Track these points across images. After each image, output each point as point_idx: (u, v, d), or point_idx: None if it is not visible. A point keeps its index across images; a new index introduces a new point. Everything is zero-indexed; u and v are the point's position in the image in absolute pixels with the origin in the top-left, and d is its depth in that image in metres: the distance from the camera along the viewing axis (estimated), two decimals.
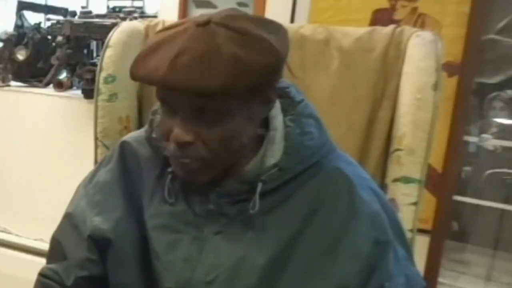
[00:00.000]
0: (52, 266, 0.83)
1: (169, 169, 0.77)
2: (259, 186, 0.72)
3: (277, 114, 0.74)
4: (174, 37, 0.66)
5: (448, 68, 1.38)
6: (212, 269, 0.73)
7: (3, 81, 2.00)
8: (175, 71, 0.62)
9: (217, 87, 0.61)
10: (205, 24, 0.65)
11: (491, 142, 1.57)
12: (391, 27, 1.03)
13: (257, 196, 0.71)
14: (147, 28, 1.15)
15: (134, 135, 0.88)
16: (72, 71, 1.94)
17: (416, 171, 0.93)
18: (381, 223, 0.72)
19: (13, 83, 2.03)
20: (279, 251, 0.71)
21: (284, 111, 0.75)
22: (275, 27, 0.69)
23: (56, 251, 0.84)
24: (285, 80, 0.78)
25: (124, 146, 0.86)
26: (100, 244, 0.81)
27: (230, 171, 0.74)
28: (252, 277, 0.70)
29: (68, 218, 0.85)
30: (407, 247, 0.78)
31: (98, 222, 0.81)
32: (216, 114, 0.66)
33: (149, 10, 2.00)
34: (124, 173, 0.84)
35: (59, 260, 0.83)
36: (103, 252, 0.81)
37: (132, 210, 0.82)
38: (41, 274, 0.83)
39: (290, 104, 0.76)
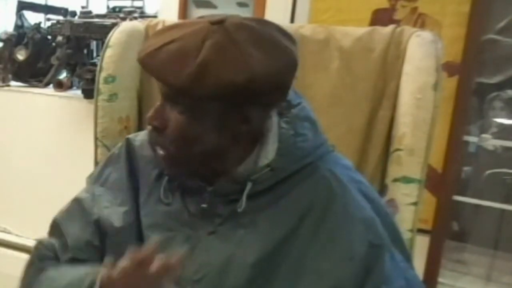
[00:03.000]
0: (52, 240, 0.83)
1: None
2: (248, 185, 0.72)
3: (272, 116, 0.75)
4: (183, 25, 0.70)
5: (448, 68, 1.38)
6: (201, 268, 0.73)
7: (3, 81, 2.00)
8: (152, 58, 0.67)
9: (178, 85, 0.65)
10: (218, 22, 0.68)
11: (491, 142, 1.57)
12: (391, 27, 1.03)
13: (244, 196, 0.72)
14: (147, 28, 1.15)
15: (139, 136, 0.89)
16: (72, 71, 1.94)
17: (416, 171, 0.93)
18: (375, 227, 0.72)
19: (13, 83, 2.03)
20: (270, 250, 0.71)
21: (280, 114, 0.75)
22: (274, 45, 0.69)
23: (56, 231, 0.84)
24: None
25: (129, 145, 0.87)
26: (104, 233, 0.81)
27: (222, 172, 0.74)
28: (240, 276, 0.70)
29: (77, 202, 0.85)
30: (405, 250, 0.78)
31: (106, 213, 0.82)
32: (184, 109, 0.69)
33: (149, 10, 2.00)
34: (130, 171, 0.85)
35: (58, 239, 0.83)
36: (105, 242, 0.81)
37: (136, 207, 0.82)
38: (40, 242, 0.84)
39: (286, 107, 0.76)
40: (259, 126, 0.73)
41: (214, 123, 0.69)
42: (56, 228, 0.85)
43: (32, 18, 2.09)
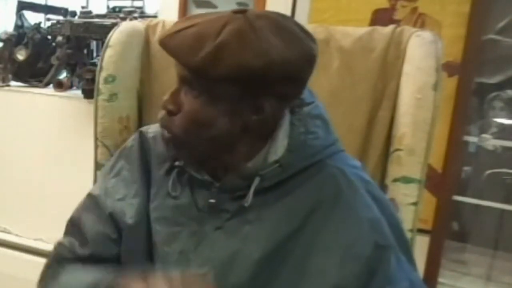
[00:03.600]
0: (69, 238, 0.83)
1: (177, 163, 0.79)
2: (256, 180, 0.72)
3: (284, 113, 0.75)
4: (206, 14, 0.71)
5: (448, 68, 1.38)
6: (206, 262, 0.73)
7: (3, 81, 2.00)
8: (172, 39, 0.68)
9: (194, 66, 0.66)
10: (241, 12, 0.69)
11: (491, 142, 1.57)
12: (391, 27, 1.03)
13: (251, 191, 0.72)
14: (147, 28, 1.15)
15: (151, 129, 0.89)
16: (72, 71, 1.94)
17: (416, 171, 0.93)
18: (382, 228, 0.72)
19: (13, 83, 2.02)
20: (275, 247, 0.71)
21: (293, 111, 0.75)
22: (293, 36, 0.69)
23: (75, 228, 0.84)
24: None
25: (142, 136, 0.88)
26: (119, 226, 0.81)
27: (230, 166, 0.75)
28: (246, 271, 0.71)
29: (91, 198, 0.86)
30: (409, 252, 0.77)
31: (120, 206, 0.82)
32: (199, 93, 0.69)
33: (149, 10, 2.00)
34: (143, 164, 0.86)
35: (77, 235, 0.83)
36: (121, 235, 0.81)
37: (147, 200, 0.83)
38: (59, 243, 0.84)
39: (299, 105, 0.76)
40: (271, 119, 0.72)
41: (227, 108, 0.69)
42: (73, 225, 0.85)
43: (32, 18, 2.09)
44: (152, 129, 0.88)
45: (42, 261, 0.87)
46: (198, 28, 0.68)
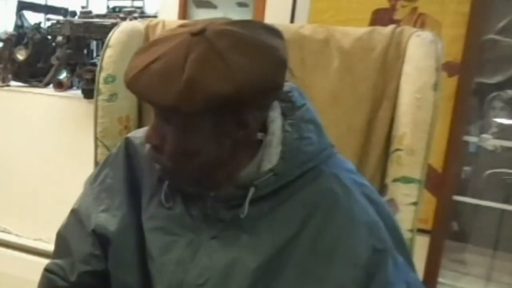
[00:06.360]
0: (57, 261, 0.84)
1: None
2: (251, 191, 0.71)
3: (276, 118, 0.73)
4: (165, 40, 0.68)
5: (448, 68, 1.38)
6: (204, 272, 0.73)
7: (3, 81, 2.00)
8: (138, 80, 0.66)
9: (167, 105, 0.64)
10: (199, 33, 0.66)
11: (491, 142, 1.57)
12: (391, 27, 1.03)
13: (247, 202, 0.71)
14: (147, 28, 1.15)
15: (138, 134, 0.88)
16: (72, 71, 1.94)
17: (416, 171, 0.93)
18: (379, 231, 0.71)
19: (13, 83, 2.03)
20: (272, 255, 0.70)
21: (284, 116, 0.74)
22: (259, 48, 0.66)
23: (61, 247, 0.86)
24: (289, 83, 0.76)
25: (128, 144, 0.87)
26: (103, 240, 0.82)
27: (224, 179, 0.74)
28: (243, 280, 0.70)
29: (74, 214, 0.87)
30: (407, 254, 0.77)
31: (103, 218, 0.83)
32: (179, 127, 0.68)
33: (149, 10, 2.00)
34: (129, 172, 0.85)
35: (64, 255, 0.84)
36: (106, 248, 0.82)
37: (134, 209, 0.82)
38: (46, 269, 0.85)
39: (291, 109, 0.75)
40: (258, 126, 0.72)
41: (210, 134, 0.68)
42: (62, 241, 0.86)
43: (32, 18, 2.09)
44: (140, 134, 0.87)
45: (41, 261, 0.87)
46: (161, 63, 0.64)
